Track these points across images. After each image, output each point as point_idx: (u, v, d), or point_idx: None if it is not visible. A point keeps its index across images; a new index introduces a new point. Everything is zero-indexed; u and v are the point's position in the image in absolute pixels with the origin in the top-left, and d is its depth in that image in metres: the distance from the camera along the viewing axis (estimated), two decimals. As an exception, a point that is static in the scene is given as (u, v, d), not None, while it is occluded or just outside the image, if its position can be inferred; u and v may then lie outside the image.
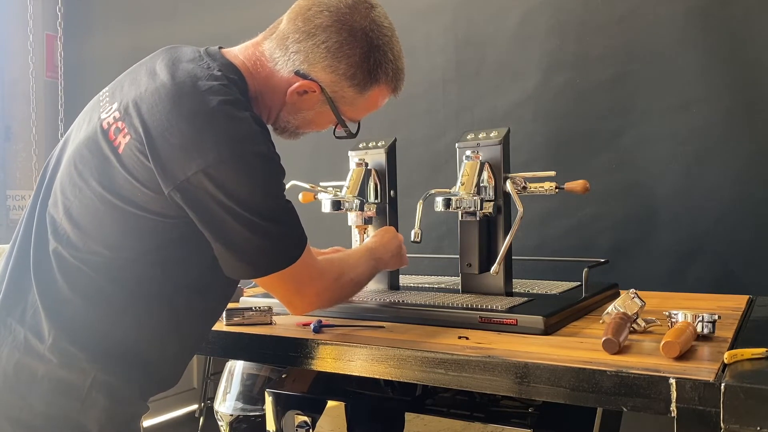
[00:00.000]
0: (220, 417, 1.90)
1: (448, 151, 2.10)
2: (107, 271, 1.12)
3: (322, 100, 1.24)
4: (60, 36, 3.37)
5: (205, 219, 1.10)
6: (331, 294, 1.30)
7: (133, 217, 1.11)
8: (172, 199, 1.09)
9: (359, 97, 1.25)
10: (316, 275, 1.24)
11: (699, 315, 1.18)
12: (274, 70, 1.22)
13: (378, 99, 1.29)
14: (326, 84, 1.21)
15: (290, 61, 1.21)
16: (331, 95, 1.23)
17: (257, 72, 1.23)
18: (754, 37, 1.89)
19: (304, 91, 1.22)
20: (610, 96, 2.09)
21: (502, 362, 1.09)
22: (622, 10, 2.07)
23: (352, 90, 1.23)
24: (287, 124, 1.30)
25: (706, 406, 0.92)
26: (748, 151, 1.90)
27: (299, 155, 2.71)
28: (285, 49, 1.21)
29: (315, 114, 1.28)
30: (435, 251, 2.25)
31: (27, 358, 1.11)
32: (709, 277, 1.93)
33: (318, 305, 1.28)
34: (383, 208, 1.71)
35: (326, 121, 1.30)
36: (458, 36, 2.37)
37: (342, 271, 1.33)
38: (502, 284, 1.53)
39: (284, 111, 1.27)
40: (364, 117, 1.34)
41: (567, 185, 1.53)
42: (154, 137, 1.08)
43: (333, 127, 1.34)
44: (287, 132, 1.33)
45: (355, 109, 1.29)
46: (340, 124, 1.29)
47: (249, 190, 1.09)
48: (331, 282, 1.29)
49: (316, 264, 1.24)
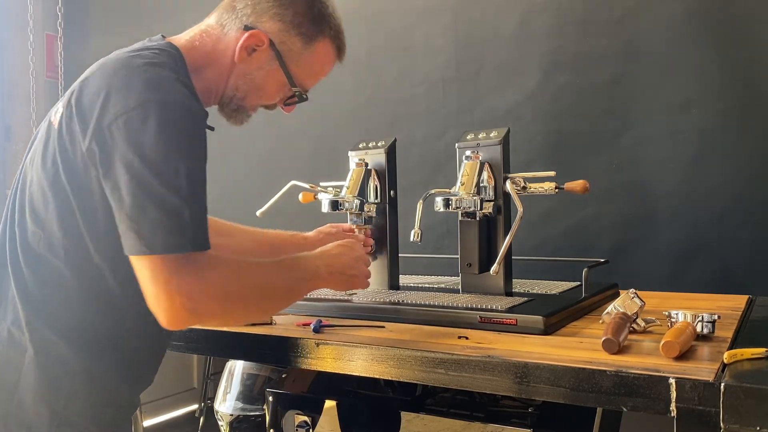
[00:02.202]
0: (220, 417, 1.90)
1: (448, 151, 2.10)
2: (65, 256, 1.12)
3: (271, 57, 1.24)
4: (60, 36, 3.38)
5: (110, 177, 1.04)
6: (214, 306, 1.07)
7: (72, 196, 1.10)
8: (92, 158, 1.06)
9: (306, 51, 1.26)
10: (196, 279, 1.03)
11: (699, 315, 1.18)
12: (222, 35, 1.24)
13: (324, 56, 1.30)
14: (274, 34, 1.23)
15: (238, 19, 1.23)
16: (279, 48, 1.23)
17: (201, 45, 1.23)
18: (754, 37, 1.89)
19: (254, 48, 1.23)
20: (610, 96, 2.09)
21: (502, 362, 1.09)
22: (622, 10, 2.08)
23: (299, 41, 1.25)
24: (234, 93, 1.27)
25: (706, 406, 0.92)
26: (748, 151, 1.90)
27: (299, 155, 2.72)
28: (233, 9, 1.24)
29: (264, 75, 1.26)
30: (435, 251, 2.25)
31: (11, 352, 1.13)
32: (709, 277, 1.93)
33: (193, 319, 1.05)
34: (383, 208, 1.72)
35: (275, 84, 1.28)
36: (458, 36, 2.37)
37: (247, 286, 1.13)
38: (502, 284, 1.53)
39: (232, 76, 1.25)
40: (314, 83, 1.34)
41: (567, 185, 1.53)
42: (80, 99, 1.09)
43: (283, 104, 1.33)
44: (233, 106, 1.29)
45: (302, 69, 1.28)
46: (289, 81, 1.26)
47: (154, 142, 1.02)
48: (216, 295, 1.06)
49: (215, 279, 1.05)
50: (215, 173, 3.23)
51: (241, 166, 2.88)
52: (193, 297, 1.02)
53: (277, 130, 2.78)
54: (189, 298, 1.01)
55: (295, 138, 2.73)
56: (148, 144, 1.02)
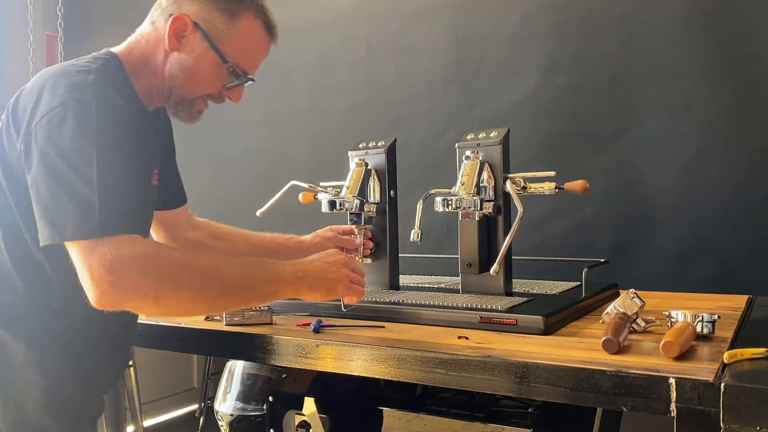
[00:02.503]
0: (220, 417, 1.90)
1: (448, 151, 2.10)
2: (8, 251, 1.19)
3: (200, 39, 1.26)
4: (60, 36, 3.38)
5: (31, 171, 1.09)
6: (136, 274, 1.05)
7: (9, 194, 1.18)
8: (20, 157, 1.12)
9: (232, 27, 1.27)
10: (115, 246, 1.04)
11: (699, 315, 1.18)
12: (154, 32, 1.29)
13: (251, 32, 1.30)
14: (196, 15, 1.26)
15: (164, 11, 1.29)
16: (204, 27, 1.26)
17: (136, 47, 1.30)
18: (754, 37, 1.89)
19: (182, 34, 1.26)
20: (610, 96, 2.09)
21: (502, 362, 1.09)
22: (622, 10, 2.08)
23: (221, 16, 1.27)
24: (173, 84, 1.28)
25: (706, 406, 0.92)
26: (748, 151, 1.90)
27: (299, 155, 2.72)
28: (159, 6, 1.31)
29: (196, 58, 1.27)
30: (435, 251, 2.25)
31: None
32: (709, 277, 1.93)
33: (117, 287, 1.04)
34: (383, 208, 1.72)
35: (208, 65, 1.28)
36: (458, 36, 2.37)
37: (180, 258, 1.12)
38: (502, 284, 1.53)
39: (167, 66, 1.28)
40: (252, 64, 1.33)
41: (567, 185, 1.53)
42: (16, 105, 1.16)
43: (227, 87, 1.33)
44: (175, 98, 1.30)
45: (233, 47, 1.28)
46: (220, 57, 1.27)
47: (68, 136, 1.08)
48: (138, 258, 1.05)
49: (134, 253, 1.05)
50: (216, 174, 3.23)
51: (241, 167, 2.88)
52: (113, 270, 1.03)
53: (278, 130, 2.78)
54: (108, 271, 1.03)
55: (295, 138, 2.73)
56: (65, 139, 1.08)
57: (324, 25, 2.64)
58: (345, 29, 2.60)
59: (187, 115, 1.33)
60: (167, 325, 1.52)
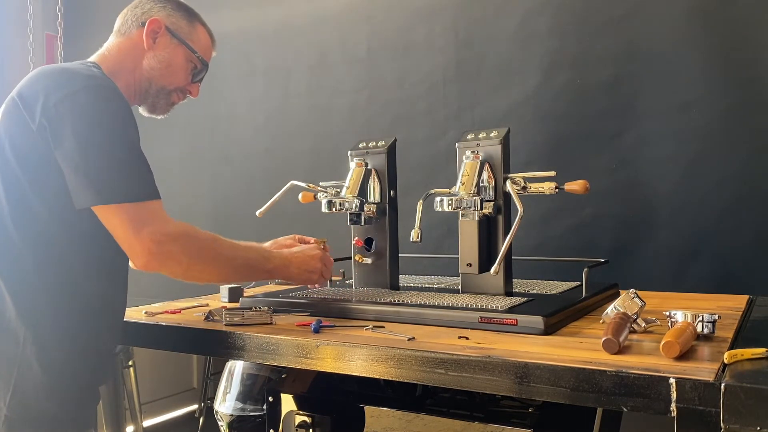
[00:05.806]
0: (220, 417, 1.89)
1: (448, 151, 2.10)
2: (14, 226, 1.28)
3: (171, 37, 1.52)
4: (60, 36, 3.37)
5: (64, 144, 1.23)
6: (177, 249, 1.31)
7: (20, 171, 1.27)
8: (42, 133, 1.24)
9: (192, 29, 1.56)
10: (161, 223, 1.29)
11: (699, 315, 1.18)
12: (126, 39, 1.51)
13: (204, 36, 1.59)
14: (165, 19, 1.52)
15: (134, 21, 1.52)
16: (172, 28, 1.52)
17: (110, 53, 1.50)
18: (754, 37, 1.89)
19: (155, 34, 1.50)
20: (610, 96, 2.09)
21: (502, 362, 1.09)
22: (622, 10, 2.08)
23: (184, 18, 1.55)
24: (151, 77, 1.51)
25: (706, 406, 0.92)
26: (748, 151, 1.90)
27: (299, 155, 2.72)
28: (125, 21, 1.53)
29: (170, 53, 1.52)
30: (435, 251, 2.25)
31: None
32: (709, 277, 1.93)
33: (160, 257, 1.29)
34: (383, 208, 1.72)
35: (181, 58, 1.53)
36: (458, 36, 2.37)
37: (208, 239, 1.40)
38: (502, 284, 1.53)
39: (145, 61, 1.50)
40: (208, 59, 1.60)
41: (567, 185, 1.53)
42: (22, 95, 1.29)
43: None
44: (153, 91, 1.52)
45: (196, 43, 1.56)
46: (189, 49, 1.54)
47: (101, 117, 1.27)
48: (180, 237, 1.32)
49: (167, 217, 1.32)
50: (215, 174, 3.23)
51: (241, 167, 2.88)
52: (161, 244, 1.28)
53: (278, 130, 2.78)
54: (157, 244, 1.27)
55: (295, 138, 2.73)
56: (95, 114, 1.27)
57: (324, 25, 2.64)
58: (345, 29, 2.60)
59: (164, 105, 1.57)
60: (167, 325, 1.53)
